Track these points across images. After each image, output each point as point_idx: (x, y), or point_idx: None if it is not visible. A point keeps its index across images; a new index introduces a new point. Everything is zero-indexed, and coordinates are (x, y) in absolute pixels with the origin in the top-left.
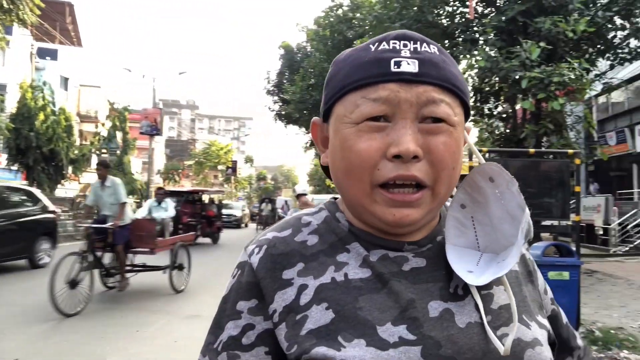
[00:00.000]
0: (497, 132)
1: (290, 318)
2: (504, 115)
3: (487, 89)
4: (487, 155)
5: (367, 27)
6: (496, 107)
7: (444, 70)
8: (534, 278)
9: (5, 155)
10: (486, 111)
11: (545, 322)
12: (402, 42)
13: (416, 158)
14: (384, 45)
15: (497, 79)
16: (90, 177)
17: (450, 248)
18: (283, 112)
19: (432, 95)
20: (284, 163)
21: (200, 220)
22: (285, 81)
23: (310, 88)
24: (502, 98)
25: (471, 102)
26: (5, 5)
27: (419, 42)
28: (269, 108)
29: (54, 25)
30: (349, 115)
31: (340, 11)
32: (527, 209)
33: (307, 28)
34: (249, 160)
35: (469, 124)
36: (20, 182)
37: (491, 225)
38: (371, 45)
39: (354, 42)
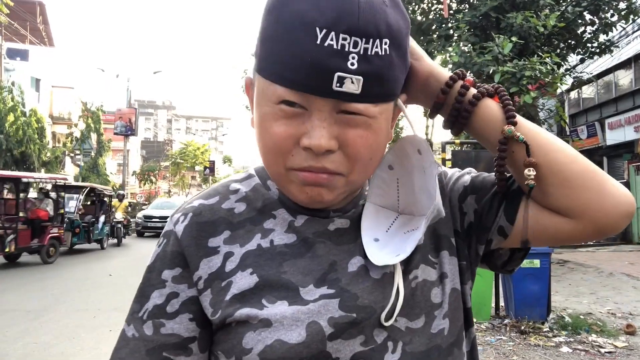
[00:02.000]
0: None
1: (215, 285)
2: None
3: None
4: (461, 147)
5: None
6: None
7: (389, 82)
8: (445, 198)
9: None
10: None
11: (451, 257)
12: (353, 39)
13: (330, 151)
14: (331, 40)
15: (470, 74)
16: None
17: (370, 207)
18: None
19: (351, 104)
20: None
21: (12, 226)
22: None
23: None
24: None
25: None
26: None
27: (371, 40)
28: (247, 107)
29: (24, 25)
30: (267, 91)
31: None
32: (438, 196)
33: None
34: (227, 160)
35: (404, 96)
36: None
37: (413, 192)
38: (318, 30)
39: None
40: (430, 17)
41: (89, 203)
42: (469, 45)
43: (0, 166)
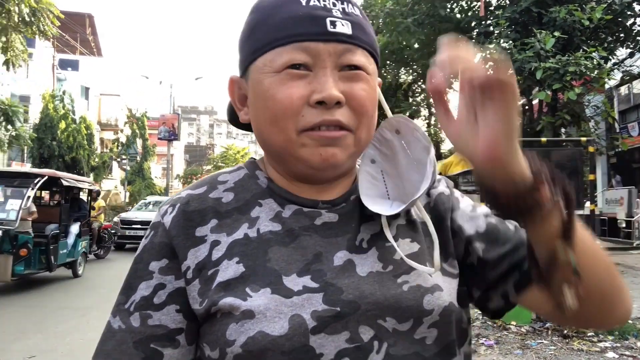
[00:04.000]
0: None
1: (203, 274)
2: (520, 108)
3: None
4: None
5: (380, 25)
6: None
7: (370, 35)
8: (445, 221)
9: (29, 164)
10: None
11: (452, 268)
12: (331, 1)
13: (339, 104)
14: (314, 1)
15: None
16: (110, 183)
17: (365, 197)
18: None
19: (348, 46)
20: None
21: None
22: None
23: None
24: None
25: None
26: (26, 18)
27: (346, 3)
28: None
29: (75, 37)
30: (269, 64)
31: None
32: (432, 149)
33: None
34: None
35: (379, 80)
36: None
37: (399, 176)
38: None
39: None
40: (469, 14)
41: (53, 203)
42: (510, 41)
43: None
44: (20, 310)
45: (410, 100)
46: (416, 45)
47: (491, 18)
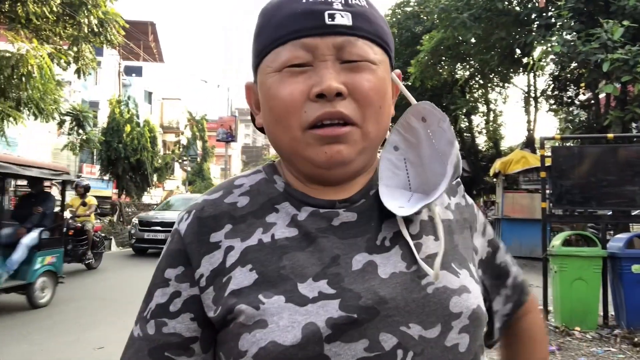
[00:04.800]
0: (576, 120)
1: (217, 281)
2: (586, 103)
3: (565, 75)
4: (562, 143)
5: (436, 21)
6: (577, 94)
7: (375, 24)
8: (470, 225)
9: (98, 166)
10: (565, 99)
11: (476, 271)
12: None
13: (340, 96)
14: None
15: (575, 64)
16: (172, 184)
17: (383, 188)
18: None
19: (349, 38)
20: None
21: None
22: None
23: None
24: (582, 84)
25: (549, 91)
26: (95, 28)
27: None
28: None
29: (138, 44)
30: (271, 65)
31: (407, 7)
32: (456, 143)
33: None
34: None
35: (398, 71)
36: (111, 191)
37: (422, 165)
38: None
39: (422, 37)
40: (529, 6)
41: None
42: (573, 33)
43: (120, 173)
44: None
45: (467, 96)
46: (473, 40)
47: (552, 9)
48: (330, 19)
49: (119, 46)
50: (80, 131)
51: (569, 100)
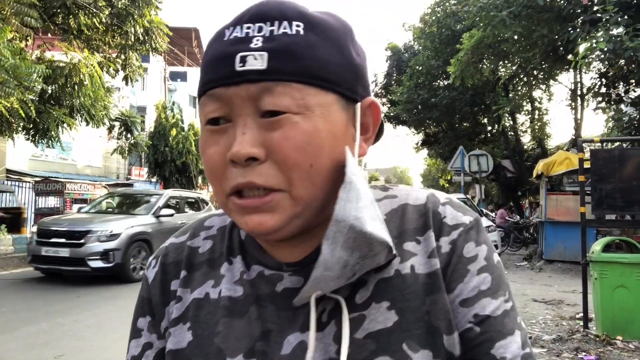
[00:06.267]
0: (625, 119)
1: (168, 334)
2: (637, 100)
3: (614, 72)
4: (602, 145)
5: (476, 19)
6: (626, 91)
7: (308, 58)
8: (448, 282)
9: (146, 169)
10: (614, 97)
11: (452, 341)
12: (257, 25)
13: (256, 160)
14: (237, 32)
15: (622, 61)
16: None
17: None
18: (392, 114)
19: (266, 84)
20: (397, 165)
21: None
22: (393, 82)
23: (418, 87)
24: (632, 81)
25: (595, 89)
26: (141, 37)
27: (277, 22)
28: None
29: (183, 50)
30: (200, 115)
31: (447, 5)
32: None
33: (414, 27)
34: (359, 163)
35: (371, 99)
36: None
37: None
38: (226, 30)
39: (462, 35)
40: (572, 2)
41: None
42: (620, 28)
43: (167, 175)
44: None
45: (511, 94)
46: (515, 37)
47: (597, 4)
48: (241, 64)
49: (164, 53)
50: (129, 135)
51: (618, 97)
